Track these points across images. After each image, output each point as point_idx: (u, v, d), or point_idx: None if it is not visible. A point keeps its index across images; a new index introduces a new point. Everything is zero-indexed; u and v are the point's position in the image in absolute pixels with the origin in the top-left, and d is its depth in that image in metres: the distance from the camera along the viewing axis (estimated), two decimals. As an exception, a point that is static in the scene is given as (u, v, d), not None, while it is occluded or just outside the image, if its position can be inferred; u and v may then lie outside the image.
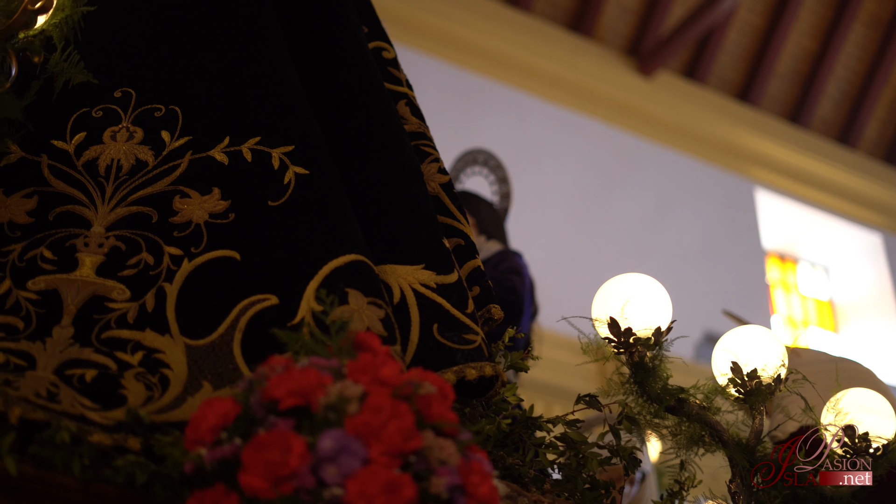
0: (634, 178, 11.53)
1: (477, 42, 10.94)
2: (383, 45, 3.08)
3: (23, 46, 2.29)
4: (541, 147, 10.85)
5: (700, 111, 12.34)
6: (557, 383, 8.25)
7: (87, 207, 2.31)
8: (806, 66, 13.29)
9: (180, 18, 2.77)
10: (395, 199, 2.52)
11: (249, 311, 2.10)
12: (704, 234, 11.77)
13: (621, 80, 11.87)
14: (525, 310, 4.49)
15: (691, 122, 12.23)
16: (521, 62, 11.17)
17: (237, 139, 2.45)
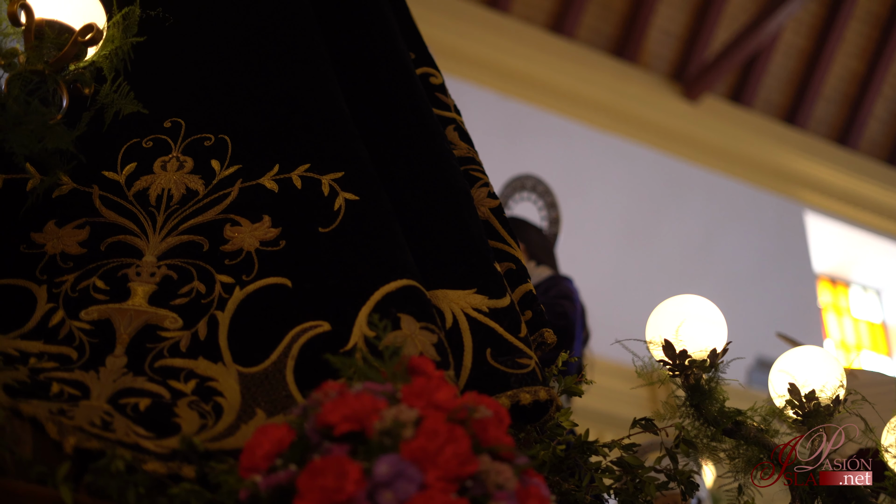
0: (683, 202, 11.47)
1: (522, 70, 10.95)
2: (430, 70, 3.07)
3: (73, 78, 2.30)
4: (588, 173, 10.83)
5: (747, 135, 12.26)
6: (609, 411, 8.19)
7: (139, 237, 2.31)
8: (853, 87, 13.19)
9: (228, 48, 2.78)
10: (446, 224, 2.51)
11: (302, 337, 2.09)
12: (754, 259, 11.68)
13: (667, 105, 11.83)
14: (577, 335, 4.46)
15: (738, 146, 12.16)
16: (566, 89, 11.16)
17: (287, 166, 2.45)
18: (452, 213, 2.54)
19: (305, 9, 2.86)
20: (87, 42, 2.27)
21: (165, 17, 2.57)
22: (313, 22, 2.83)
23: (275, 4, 2.87)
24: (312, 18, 2.84)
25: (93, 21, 2.29)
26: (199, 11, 2.89)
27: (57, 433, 1.75)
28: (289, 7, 2.86)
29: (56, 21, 2.28)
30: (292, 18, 2.83)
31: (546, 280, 4.72)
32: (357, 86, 2.78)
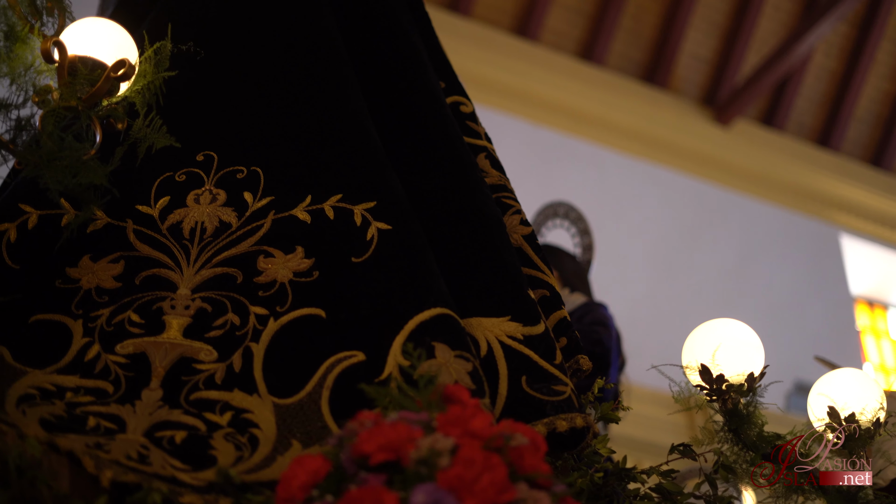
0: (717, 227, 11.41)
1: (553, 98, 10.95)
2: (461, 99, 3.08)
3: (106, 114, 2.31)
4: (621, 200, 10.80)
5: (780, 158, 12.21)
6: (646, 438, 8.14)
7: (173, 270, 2.32)
8: (885, 108, 13.11)
9: (258, 80, 2.80)
10: (479, 252, 2.51)
11: (336, 368, 2.09)
12: (791, 283, 11.60)
13: (698, 130, 11.79)
14: (612, 361, 4.44)
15: (772, 170, 12.10)
16: (597, 116, 11.15)
17: (319, 197, 2.45)
18: (485, 240, 2.53)
19: (336, 43, 2.88)
20: (120, 77, 2.29)
21: (197, 52, 2.58)
22: (344, 56, 2.84)
23: (307, 40, 2.89)
24: (343, 53, 2.86)
25: (125, 56, 2.30)
26: (231, 45, 2.91)
27: (94, 467, 1.75)
28: (321, 42, 2.88)
29: (89, 57, 2.30)
30: (324, 53, 2.85)
31: (581, 307, 4.70)
32: (388, 115, 2.79)
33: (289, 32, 2.92)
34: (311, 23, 2.93)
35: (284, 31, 2.93)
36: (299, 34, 2.91)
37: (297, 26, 2.93)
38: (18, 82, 2.31)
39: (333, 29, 2.92)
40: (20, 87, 2.31)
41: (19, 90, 2.31)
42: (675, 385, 2.60)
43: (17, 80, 2.31)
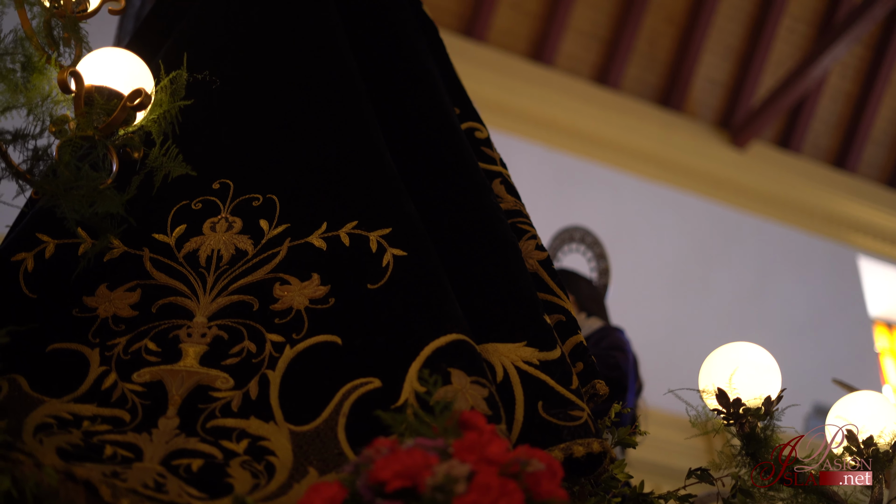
0: (734, 250, 11.39)
1: (569, 122, 10.96)
2: (476, 125, 3.09)
3: (123, 143, 2.33)
4: (638, 223, 10.79)
5: (797, 180, 12.18)
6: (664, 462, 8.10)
7: (189, 298, 2.33)
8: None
9: (275, 109, 2.81)
10: (495, 277, 2.51)
11: (353, 395, 2.09)
12: (809, 305, 11.56)
13: (715, 153, 11.78)
14: (630, 386, 4.43)
15: (788, 192, 12.08)
16: (613, 140, 11.15)
17: (334, 224, 2.46)
18: (501, 266, 2.54)
19: (351, 71, 2.89)
20: (136, 107, 2.30)
21: (213, 81, 2.59)
22: (359, 83, 2.86)
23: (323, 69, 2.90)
24: (358, 80, 2.87)
25: (141, 86, 2.32)
26: (246, 74, 2.93)
27: (111, 496, 1.76)
28: (336, 70, 2.89)
29: (105, 87, 2.31)
30: (339, 81, 2.86)
31: (597, 331, 4.69)
32: (403, 142, 2.80)
33: (304, 60, 2.94)
34: (327, 52, 2.95)
35: (300, 60, 2.95)
36: (315, 63, 2.92)
37: (313, 55, 2.94)
38: (35, 113, 2.33)
39: (349, 57, 2.94)
40: (37, 118, 2.33)
41: (36, 120, 2.33)
42: (691, 409, 2.59)
43: (34, 111, 2.33)
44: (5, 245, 2.45)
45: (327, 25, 3.01)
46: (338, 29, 3.01)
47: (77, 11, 2.59)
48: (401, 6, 3.24)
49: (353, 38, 3.05)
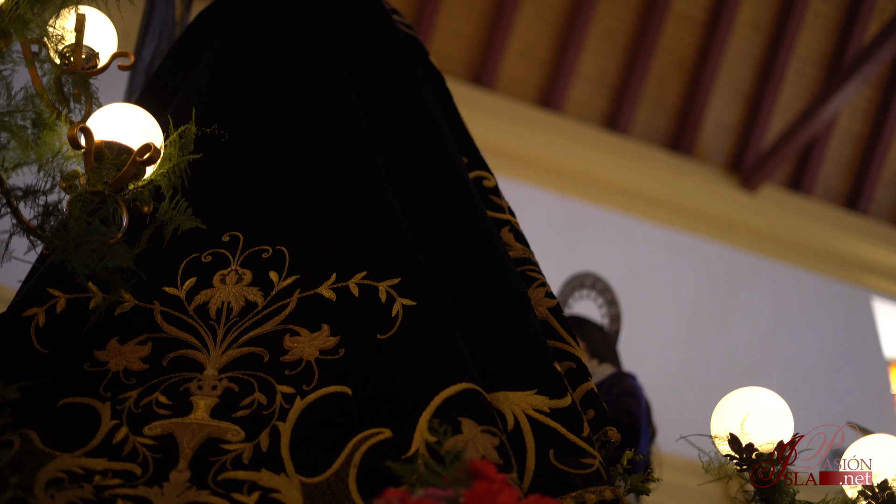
0: (747, 293, 11.36)
1: (579, 169, 10.97)
2: (484, 174, 3.10)
3: (133, 197, 2.34)
4: (650, 268, 10.77)
5: (809, 223, 12.16)
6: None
7: (200, 351, 2.34)
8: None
9: (282, 161, 2.83)
10: (504, 326, 2.51)
11: (363, 445, 2.09)
12: (824, 347, 11.51)
13: (725, 196, 11.78)
14: (643, 432, 4.42)
15: (801, 235, 12.06)
16: (623, 185, 11.16)
17: (344, 275, 2.47)
18: (510, 314, 2.54)
19: (359, 121, 2.91)
20: (146, 161, 2.32)
21: (221, 135, 2.61)
22: (367, 134, 2.87)
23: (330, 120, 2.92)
24: (366, 130, 2.89)
25: (150, 140, 2.33)
26: (254, 126, 2.95)
27: (122, 550, 1.76)
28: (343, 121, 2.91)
29: (115, 142, 2.32)
30: (346, 132, 2.88)
31: (609, 377, 4.68)
32: (411, 191, 2.81)
33: (312, 115, 2.96)
34: (334, 102, 2.97)
35: (308, 114, 2.96)
36: (323, 117, 2.94)
37: (321, 109, 2.96)
38: (46, 169, 2.35)
39: (357, 110, 2.95)
40: (48, 174, 2.35)
41: (47, 176, 2.35)
42: (704, 455, 2.59)
43: (44, 167, 2.35)
44: (17, 300, 2.46)
45: (335, 80, 3.03)
46: (345, 82, 3.03)
47: (87, 68, 2.62)
48: (407, 57, 3.26)
49: (361, 90, 3.07)
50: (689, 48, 11.46)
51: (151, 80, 3.41)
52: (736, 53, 11.59)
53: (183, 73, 3.23)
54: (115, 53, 2.73)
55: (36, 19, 2.43)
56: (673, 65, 11.51)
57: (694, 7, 11.24)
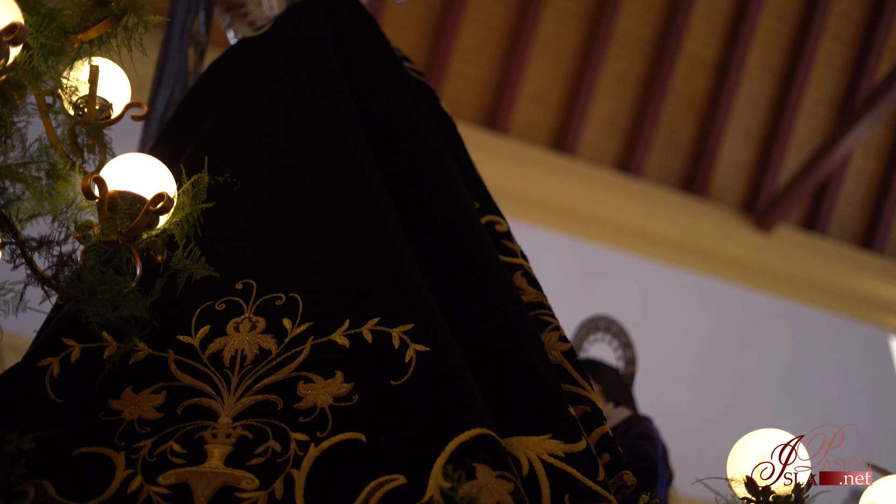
0: (764, 334, 11.31)
1: (592, 211, 10.98)
2: (496, 218, 3.11)
3: (146, 246, 2.35)
4: (665, 310, 10.75)
5: (824, 263, 12.13)
6: (701, 551, 7.98)
7: (214, 399, 2.34)
8: (928, 208, 13.05)
9: (294, 208, 2.84)
10: (517, 371, 2.51)
11: (378, 492, 2.08)
12: (842, 388, 11.44)
13: (740, 237, 11.75)
14: (659, 475, 4.39)
15: (816, 275, 12.02)
16: (637, 227, 11.15)
17: (357, 321, 2.47)
18: (523, 359, 2.54)
19: (370, 167, 2.92)
20: (159, 210, 2.32)
21: (234, 183, 2.63)
22: (378, 179, 2.89)
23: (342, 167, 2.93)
24: (377, 176, 2.90)
25: (163, 190, 2.34)
26: (267, 174, 2.96)
27: None
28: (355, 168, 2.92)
29: (128, 192, 2.33)
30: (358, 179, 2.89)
31: (625, 421, 4.66)
32: (423, 237, 2.82)
33: (324, 159, 2.97)
34: (346, 150, 2.98)
35: (319, 159, 2.98)
36: (334, 161, 2.96)
37: (332, 154, 2.98)
38: (60, 219, 2.37)
39: (368, 154, 2.97)
40: (62, 224, 2.37)
41: (61, 226, 2.36)
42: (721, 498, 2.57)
43: (58, 217, 2.36)
44: (32, 350, 2.47)
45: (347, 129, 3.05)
46: (357, 129, 3.05)
47: (101, 118, 2.64)
48: (418, 104, 3.28)
49: (372, 136, 3.08)
50: (701, 90, 11.49)
51: (165, 129, 3.44)
52: (748, 94, 11.61)
53: (196, 122, 3.25)
54: (129, 104, 2.75)
55: (50, 71, 2.45)
56: (685, 106, 11.53)
57: (705, 49, 11.27)
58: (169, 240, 2.40)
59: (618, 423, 4.62)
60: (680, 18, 10.91)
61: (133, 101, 2.76)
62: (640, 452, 4.34)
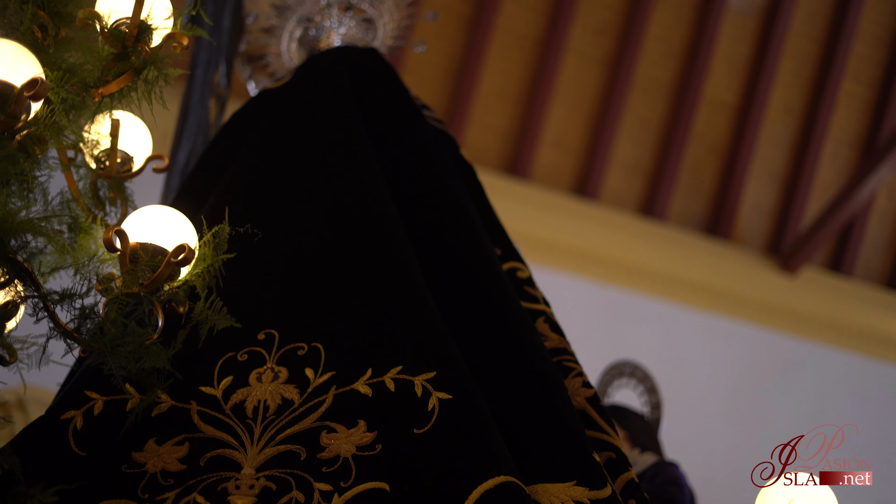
0: (791, 377, 11.23)
1: (616, 256, 10.96)
2: (517, 265, 3.11)
3: (168, 298, 2.36)
4: (691, 354, 10.69)
5: (850, 304, 12.05)
6: None
7: (237, 450, 2.34)
8: (954, 248, 12.97)
9: (315, 257, 2.85)
10: (541, 417, 2.49)
11: (403, 541, 2.07)
12: (870, 430, 11.33)
13: (765, 280, 11.70)
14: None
15: (843, 317, 11.94)
16: (662, 272, 11.12)
17: (379, 370, 2.47)
18: (547, 405, 2.52)
19: (391, 216, 2.92)
20: (180, 262, 2.33)
21: (255, 234, 2.63)
22: (399, 228, 2.89)
23: (365, 217, 2.94)
24: (398, 224, 2.90)
25: (184, 241, 2.35)
26: (287, 224, 2.97)
27: None
28: (378, 217, 2.93)
29: (149, 244, 2.34)
30: (381, 227, 2.89)
31: (651, 466, 4.63)
32: (444, 284, 2.82)
33: (345, 208, 2.98)
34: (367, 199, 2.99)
35: (340, 208, 2.99)
36: (355, 210, 2.96)
37: (353, 202, 2.98)
38: (82, 272, 2.38)
39: (389, 203, 2.97)
40: (84, 277, 2.38)
41: (83, 279, 2.38)
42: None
43: (80, 270, 2.37)
44: (55, 404, 2.48)
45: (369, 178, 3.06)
46: (378, 178, 3.06)
47: (122, 171, 2.66)
48: (438, 151, 3.29)
49: (392, 184, 3.09)
50: (723, 133, 11.49)
51: (187, 181, 3.46)
52: (770, 137, 11.60)
53: (217, 173, 3.27)
54: (150, 156, 2.78)
55: (71, 125, 2.48)
56: (707, 150, 11.53)
57: (726, 92, 11.28)
58: (191, 290, 2.41)
59: (644, 469, 4.59)
60: (700, 62, 10.92)
61: (154, 153, 2.79)
62: (668, 498, 4.30)
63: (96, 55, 2.52)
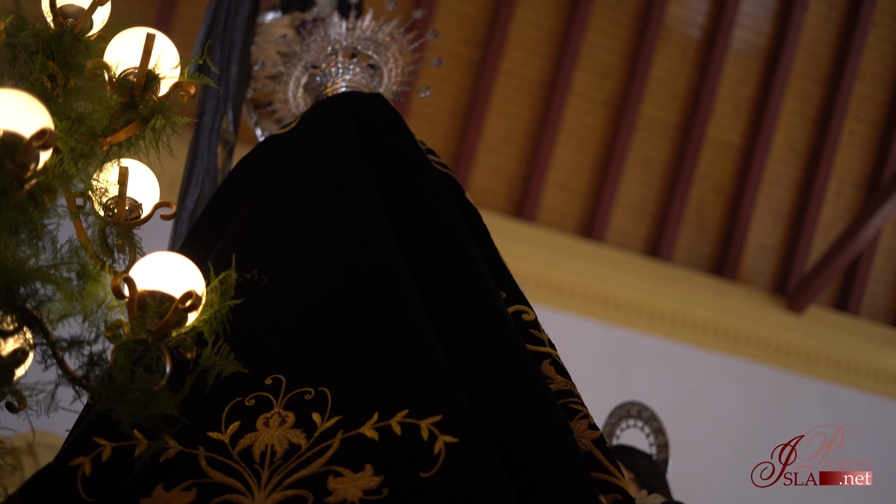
0: (799, 416, 11.20)
1: (623, 297, 10.96)
2: (523, 307, 3.11)
3: (176, 344, 2.37)
4: (699, 394, 10.67)
5: (857, 342, 12.03)
6: None
7: (245, 495, 2.34)
8: (960, 285, 12.95)
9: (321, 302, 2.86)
10: (547, 460, 2.50)
11: (409, 585, 2.08)
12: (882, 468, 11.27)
13: (772, 319, 11.69)
14: (695, 563, 4.34)
15: (850, 355, 11.92)
16: (668, 312, 11.12)
17: (386, 414, 2.47)
18: (552, 449, 2.53)
19: (397, 260, 2.94)
20: (188, 308, 2.35)
21: (261, 280, 2.65)
22: (405, 272, 2.90)
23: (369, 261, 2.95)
24: (404, 269, 2.92)
25: (192, 288, 2.36)
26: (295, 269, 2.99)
27: None
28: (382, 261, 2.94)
29: (157, 291, 2.35)
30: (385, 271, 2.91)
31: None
32: (450, 328, 2.83)
33: (350, 253, 3.00)
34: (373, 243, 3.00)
35: (346, 253, 3.00)
36: (361, 255, 2.98)
37: (358, 247, 3.00)
38: (90, 319, 2.39)
39: (394, 247, 2.99)
40: (92, 324, 2.39)
41: (91, 326, 2.39)
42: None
43: (89, 318, 2.39)
44: (64, 450, 2.49)
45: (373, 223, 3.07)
46: (383, 222, 3.08)
47: (130, 219, 2.68)
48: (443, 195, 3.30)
49: (397, 227, 3.11)
50: (728, 173, 11.52)
51: (195, 227, 3.48)
52: (774, 176, 11.63)
53: (225, 218, 3.29)
54: (158, 203, 2.80)
55: (80, 174, 2.50)
56: (712, 190, 11.56)
57: (730, 133, 11.32)
58: (198, 336, 2.43)
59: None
60: (704, 103, 10.98)
61: (162, 200, 2.81)
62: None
63: (105, 104, 2.56)
